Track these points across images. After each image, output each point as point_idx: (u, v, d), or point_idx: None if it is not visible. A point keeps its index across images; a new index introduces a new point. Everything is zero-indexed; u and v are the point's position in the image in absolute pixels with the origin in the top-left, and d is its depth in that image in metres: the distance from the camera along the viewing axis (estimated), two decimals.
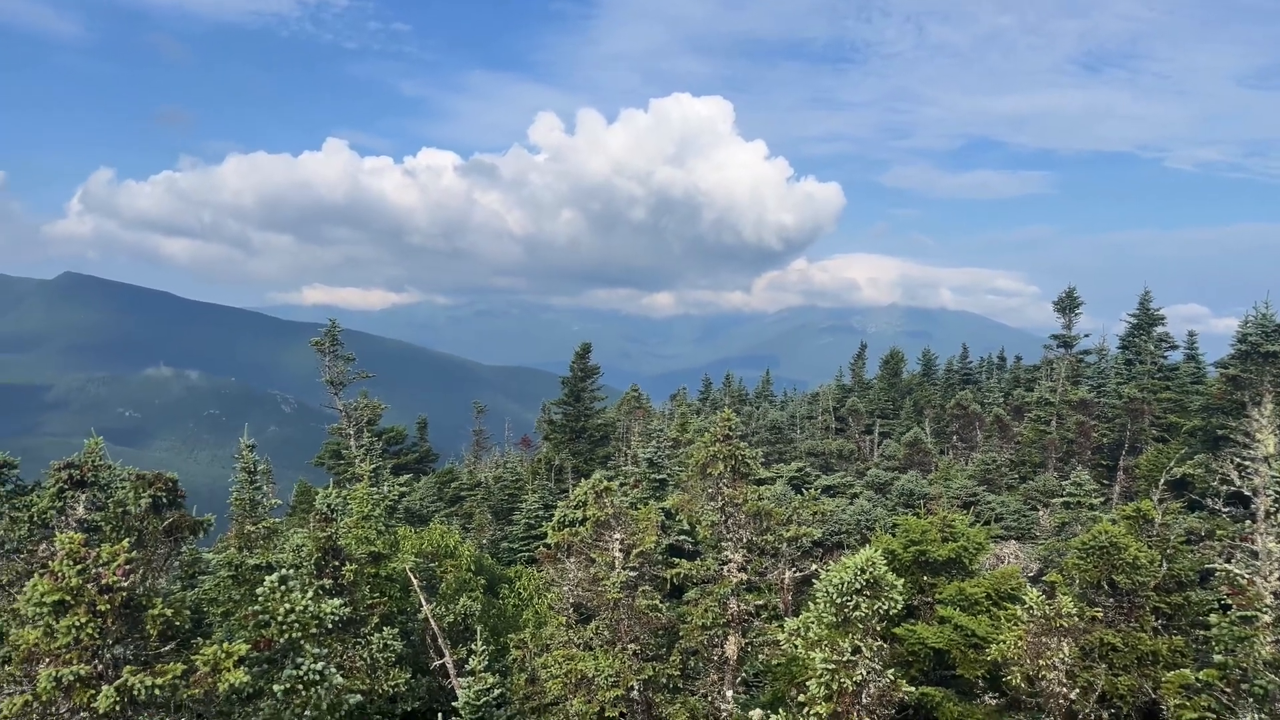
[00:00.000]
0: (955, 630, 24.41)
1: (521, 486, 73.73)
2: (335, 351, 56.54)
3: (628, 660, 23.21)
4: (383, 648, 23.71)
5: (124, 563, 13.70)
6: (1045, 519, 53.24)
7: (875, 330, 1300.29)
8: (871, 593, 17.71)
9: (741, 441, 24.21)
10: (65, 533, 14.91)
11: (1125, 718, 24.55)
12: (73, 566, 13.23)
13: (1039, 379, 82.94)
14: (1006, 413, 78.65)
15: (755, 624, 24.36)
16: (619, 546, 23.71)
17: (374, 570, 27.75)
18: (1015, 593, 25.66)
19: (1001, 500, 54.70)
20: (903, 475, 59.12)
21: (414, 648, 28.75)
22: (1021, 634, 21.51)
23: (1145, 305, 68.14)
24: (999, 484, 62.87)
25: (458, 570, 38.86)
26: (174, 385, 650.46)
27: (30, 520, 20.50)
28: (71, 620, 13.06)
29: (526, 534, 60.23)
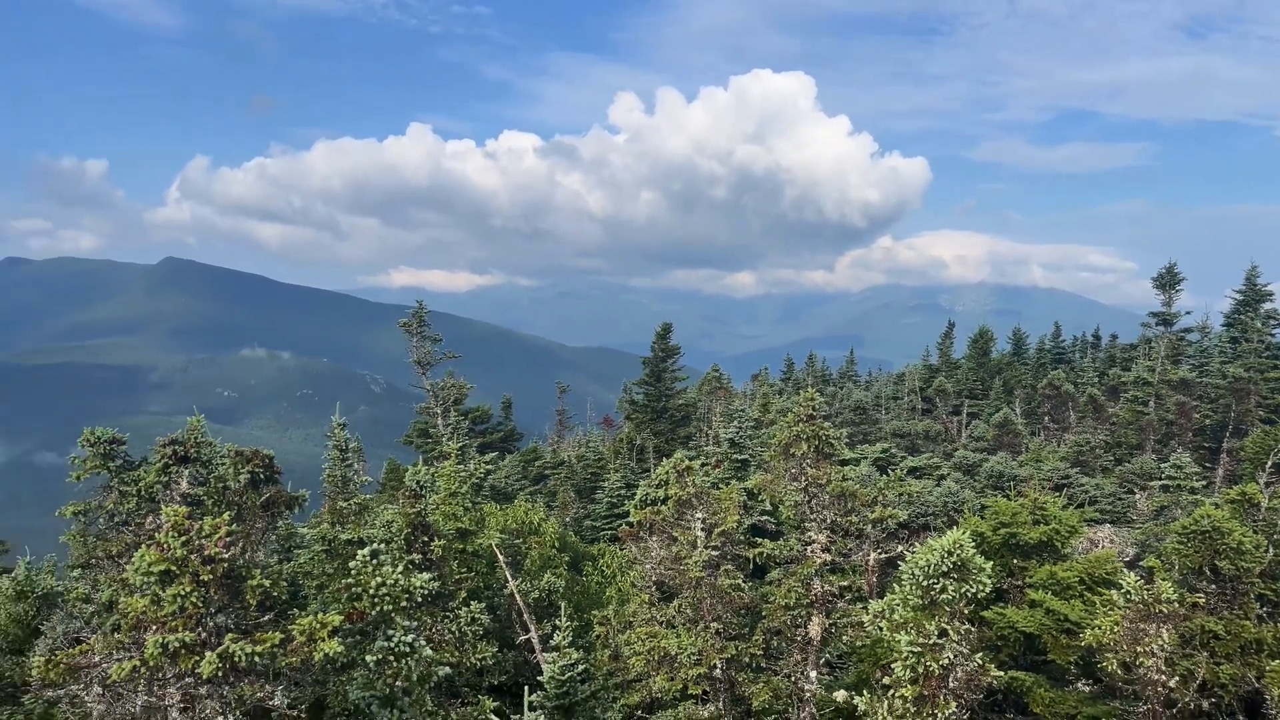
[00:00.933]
0: (1047, 615, 23.82)
1: (604, 466, 74.30)
2: (422, 332, 57.75)
3: (710, 639, 23.26)
4: (470, 622, 24.22)
5: (225, 535, 14.25)
6: (1142, 503, 51.51)
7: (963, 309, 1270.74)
8: (959, 575, 17.39)
9: (825, 422, 23.97)
10: (170, 506, 15.58)
11: (1226, 707, 23.67)
12: (178, 538, 13.81)
13: (1136, 358, 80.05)
14: (1101, 393, 76.14)
15: (839, 605, 24.16)
16: (701, 525, 23.73)
17: (461, 546, 28.32)
18: (1111, 578, 24.90)
19: (1095, 483, 53.08)
20: (992, 457, 57.81)
21: (500, 622, 29.30)
22: (1118, 620, 20.87)
23: (1252, 281, 65.13)
24: (1093, 466, 60.99)
25: (542, 547, 39.42)
26: (268, 366, 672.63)
27: (138, 494, 21.45)
28: (177, 589, 13.65)
29: (609, 512, 60.75)
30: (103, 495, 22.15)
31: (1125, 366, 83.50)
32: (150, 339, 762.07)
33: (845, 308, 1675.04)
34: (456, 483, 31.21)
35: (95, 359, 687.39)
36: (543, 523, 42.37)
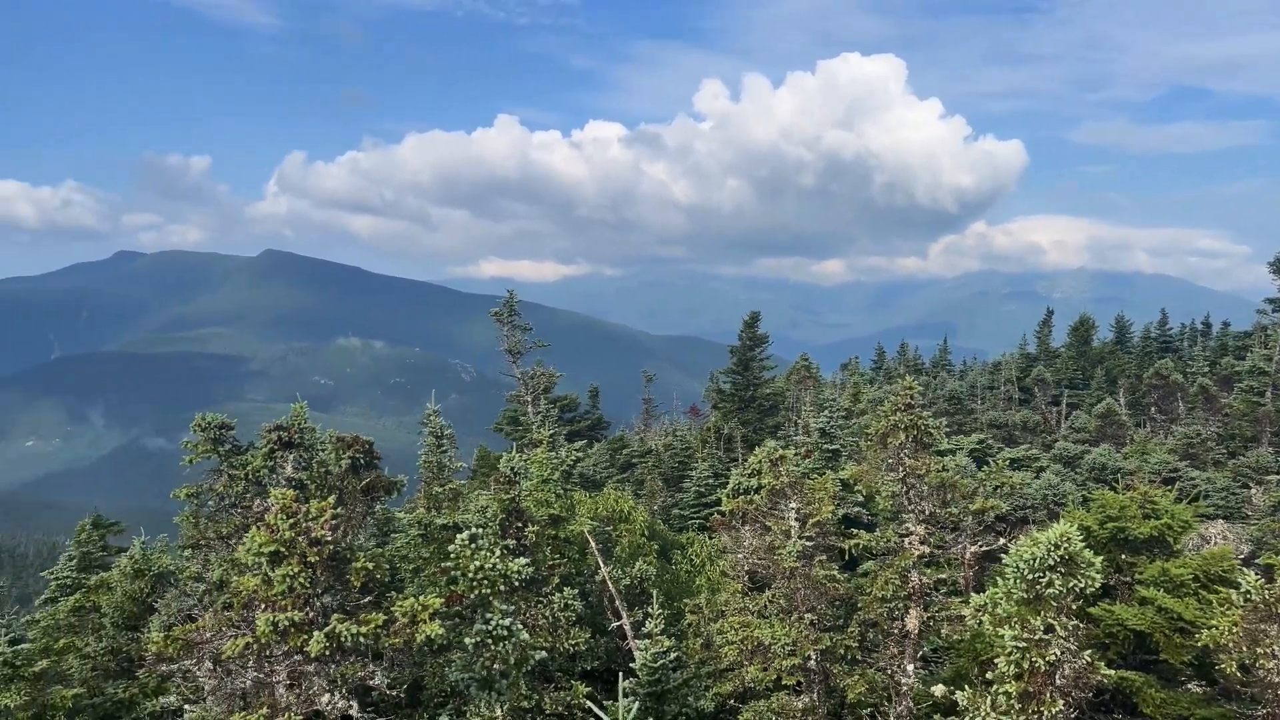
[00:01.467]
0: (1158, 613, 22.85)
1: (691, 455, 74.20)
2: (513, 321, 58.46)
3: (804, 629, 22.99)
4: (564, 607, 24.42)
5: (330, 518, 14.61)
6: (1259, 497, 49.11)
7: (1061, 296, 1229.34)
8: (1066, 570, 16.78)
9: (924, 411, 23.41)
10: (278, 489, 16.05)
11: None
12: (286, 520, 14.22)
13: (1251, 346, 76.28)
14: (1213, 383, 72.82)
15: (937, 598, 23.61)
16: (795, 515, 23.45)
17: (554, 532, 28.57)
18: (1227, 575, 23.77)
19: (1207, 477, 50.80)
20: (1094, 449, 55.82)
21: (592, 609, 29.50)
22: (1237, 619, 19.89)
23: None
24: (1204, 459, 58.39)
25: (632, 535, 39.58)
26: (362, 355, 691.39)
27: (246, 478, 22.21)
28: (286, 570, 14.06)
29: (696, 501, 60.68)
30: (213, 478, 23.02)
31: (1239, 355, 79.68)
32: (251, 329, 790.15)
33: (938, 295, 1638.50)
34: (549, 470, 31.51)
35: (200, 348, 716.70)
36: (632, 511, 42.52)
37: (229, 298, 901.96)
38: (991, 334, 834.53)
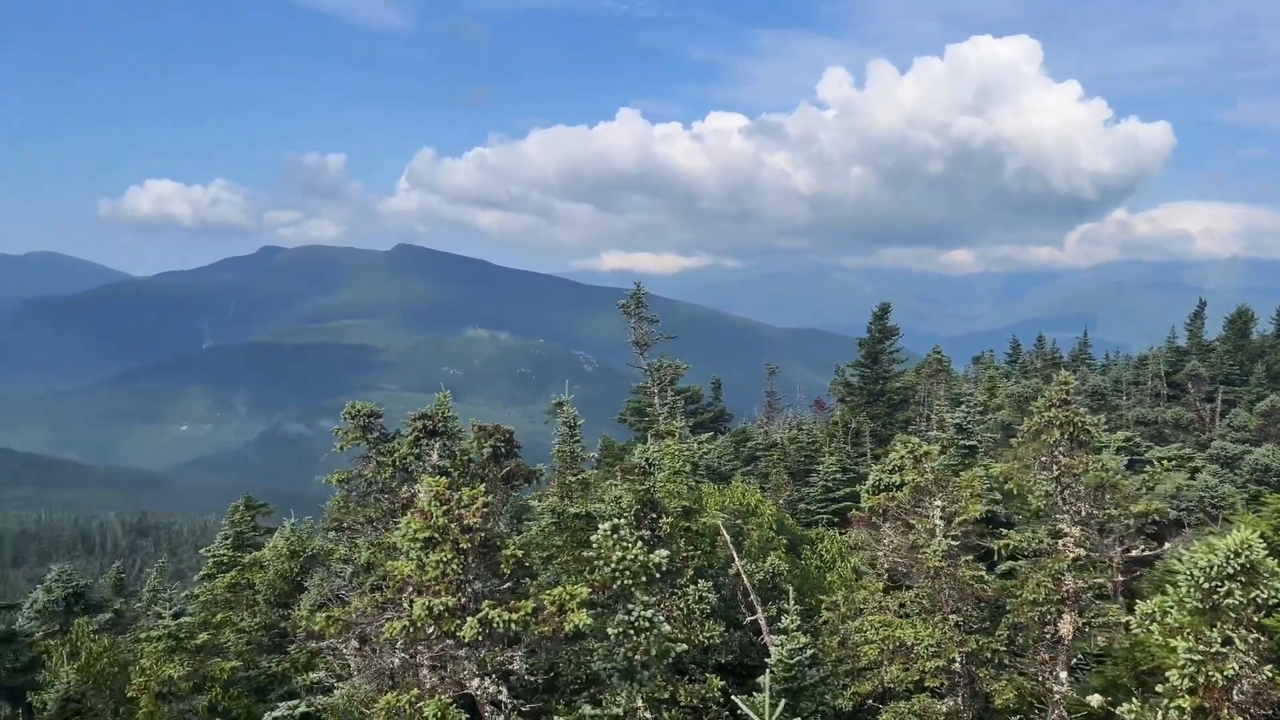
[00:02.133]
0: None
1: (818, 449, 73.04)
2: (640, 314, 58.72)
3: (949, 630, 22.23)
4: (698, 600, 24.29)
5: (481, 506, 14.85)
6: None
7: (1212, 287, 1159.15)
8: (1247, 579, 15.64)
9: (1081, 407, 22.26)
10: (433, 477, 16.43)
11: None
12: (439, 507, 14.51)
13: None
14: None
15: (1093, 603, 22.46)
16: (940, 513, 22.67)
17: (686, 524, 28.50)
18: None
19: None
20: (1257, 449, 52.29)
21: (725, 602, 29.30)
22: None
23: None
24: None
25: (760, 529, 39.17)
26: (489, 346, 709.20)
27: (393, 464, 22.89)
28: (439, 556, 14.36)
29: (824, 496, 59.68)
30: (362, 464, 23.82)
31: None
32: (384, 320, 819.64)
33: (1074, 286, 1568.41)
34: (680, 461, 31.45)
35: (337, 339, 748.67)
36: (760, 504, 42.09)
37: (364, 291, 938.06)
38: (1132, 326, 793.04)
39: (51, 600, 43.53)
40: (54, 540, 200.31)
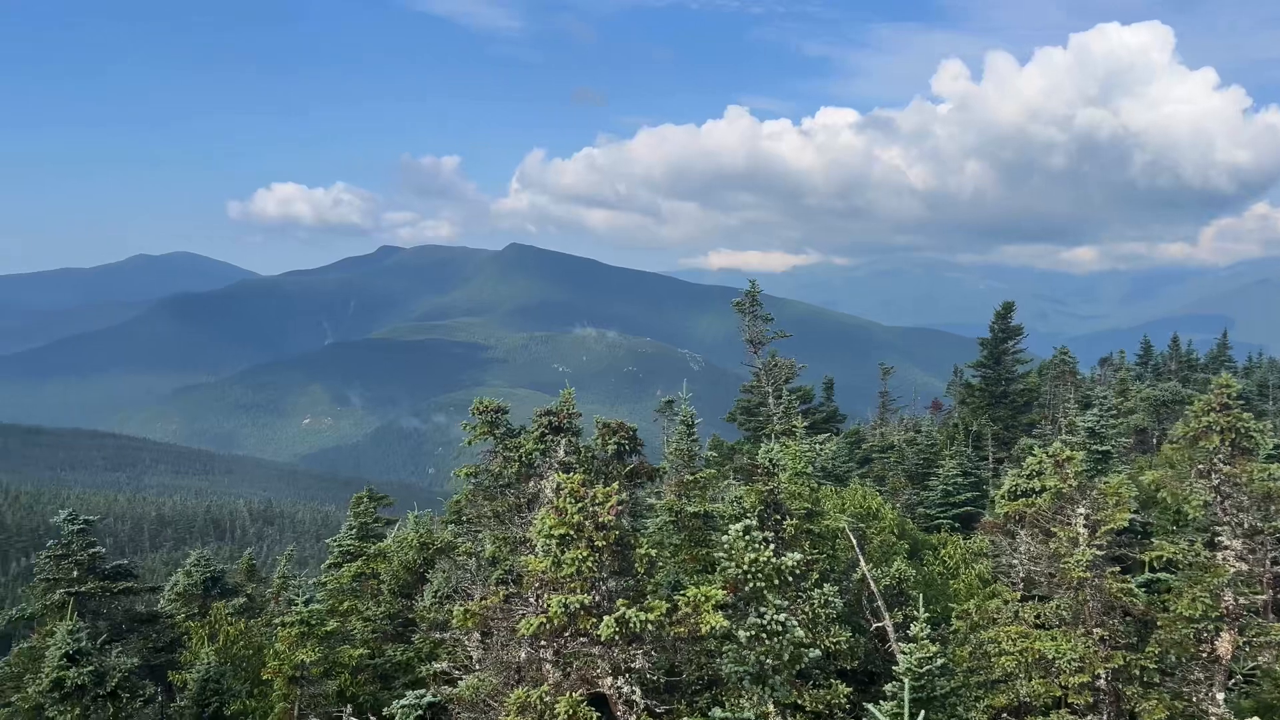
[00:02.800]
0: None
1: (936, 451, 71.00)
2: (754, 312, 58.11)
3: (1093, 645, 21.10)
4: (823, 604, 23.76)
5: (615, 504, 14.74)
6: None
7: None
8: None
9: (1245, 412, 20.81)
10: (567, 474, 16.40)
11: None
12: (574, 504, 14.45)
13: None
14: None
15: (1254, 621, 20.97)
16: (1084, 522, 21.54)
17: (809, 527, 27.93)
18: None
19: None
20: None
21: (849, 607, 28.62)
22: None
23: None
24: None
25: (882, 533, 38.22)
26: (597, 344, 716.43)
27: (519, 460, 23.03)
28: (574, 553, 14.30)
29: (944, 500, 57.94)
30: (488, 459, 24.06)
31: None
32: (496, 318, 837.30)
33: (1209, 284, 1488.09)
34: (802, 462, 30.86)
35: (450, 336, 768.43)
36: (881, 507, 41.10)
37: (477, 289, 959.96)
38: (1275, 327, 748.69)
39: (191, 584, 45.67)
40: (188, 526, 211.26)
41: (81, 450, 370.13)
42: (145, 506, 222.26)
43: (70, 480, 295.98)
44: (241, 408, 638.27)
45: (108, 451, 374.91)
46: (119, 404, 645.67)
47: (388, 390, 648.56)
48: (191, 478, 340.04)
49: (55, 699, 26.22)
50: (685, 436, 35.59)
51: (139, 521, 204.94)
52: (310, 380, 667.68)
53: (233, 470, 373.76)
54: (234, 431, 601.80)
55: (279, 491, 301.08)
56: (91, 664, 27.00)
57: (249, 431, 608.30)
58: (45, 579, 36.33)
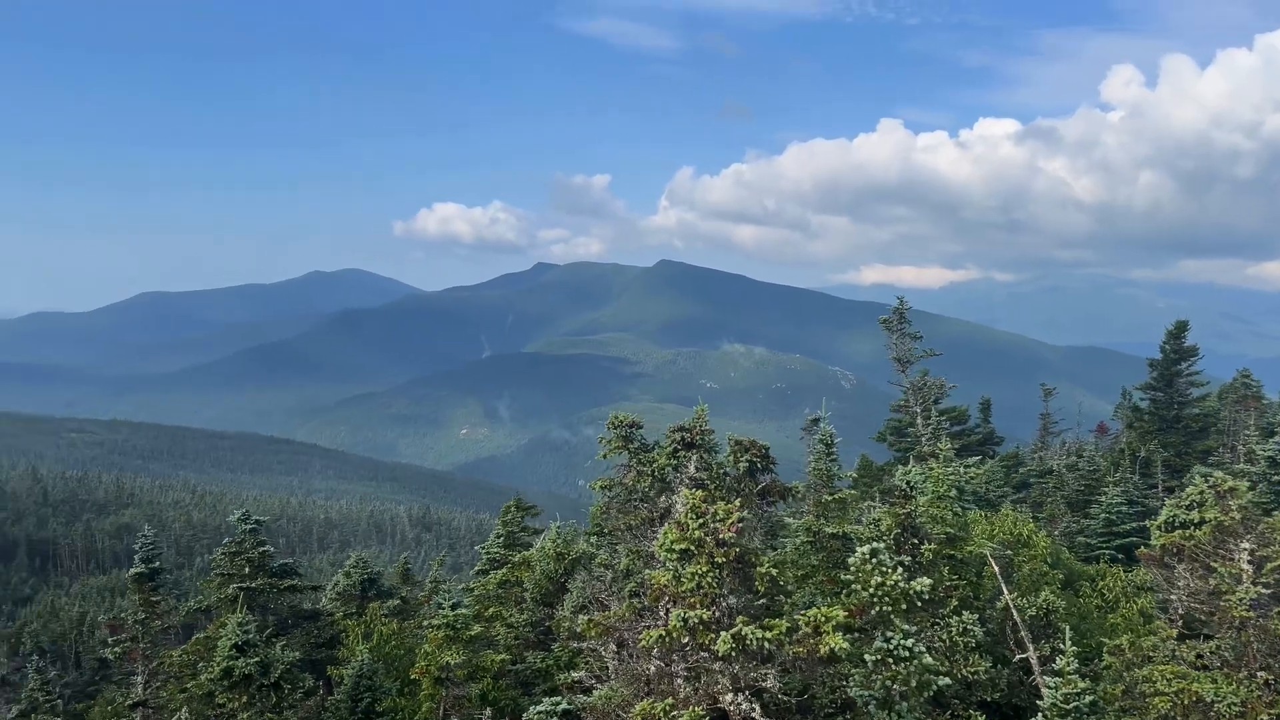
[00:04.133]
0: None
1: (1099, 478, 67.32)
2: (903, 329, 56.78)
3: (1257, 689, 19.69)
4: (962, 632, 23.08)
5: (736, 521, 14.88)
6: None
7: None
8: None
9: None
10: (690, 489, 16.66)
11: None
12: (696, 520, 14.68)
13: None
14: None
15: None
16: (1248, 558, 20.15)
17: (950, 552, 27.16)
18: None
19: None
20: None
21: (992, 637, 27.62)
22: None
23: None
24: None
25: (1033, 561, 36.64)
26: (745, 360, 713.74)
27: (652, 475, 23.45)
28: (695, 568, 14.52)
29: (1106, 530, 54.88)
30: (622, 473, 24.59)
31: None
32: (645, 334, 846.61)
33: None
34: (945, 485, 30.01)
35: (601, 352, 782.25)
36: (1033, 535, 39.37)
37: (627, 305, 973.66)
38: None
39: (350, 584, 48.29)
40: (352, 529, 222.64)
41: (259, 455, 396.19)
42: (314, 509, 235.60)
43: (248, 482, 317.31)
44: (403, 418, 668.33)
45: (282, 456, 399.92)
46: (293, 412, 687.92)
47: (540, 403, 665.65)
48: (356, 483, 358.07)
49: (224, 686, 28.27)
50: (824, 456, 35.15)
51: (308, 523, 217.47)
52: (468, 392, 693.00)
53: (395, 477, 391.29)
54: (396, 440, 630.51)
55: (437, 498, 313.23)
56: (258, 655, 28.99)
57: (410, 440, 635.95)
58: (220, 574, 39.26)
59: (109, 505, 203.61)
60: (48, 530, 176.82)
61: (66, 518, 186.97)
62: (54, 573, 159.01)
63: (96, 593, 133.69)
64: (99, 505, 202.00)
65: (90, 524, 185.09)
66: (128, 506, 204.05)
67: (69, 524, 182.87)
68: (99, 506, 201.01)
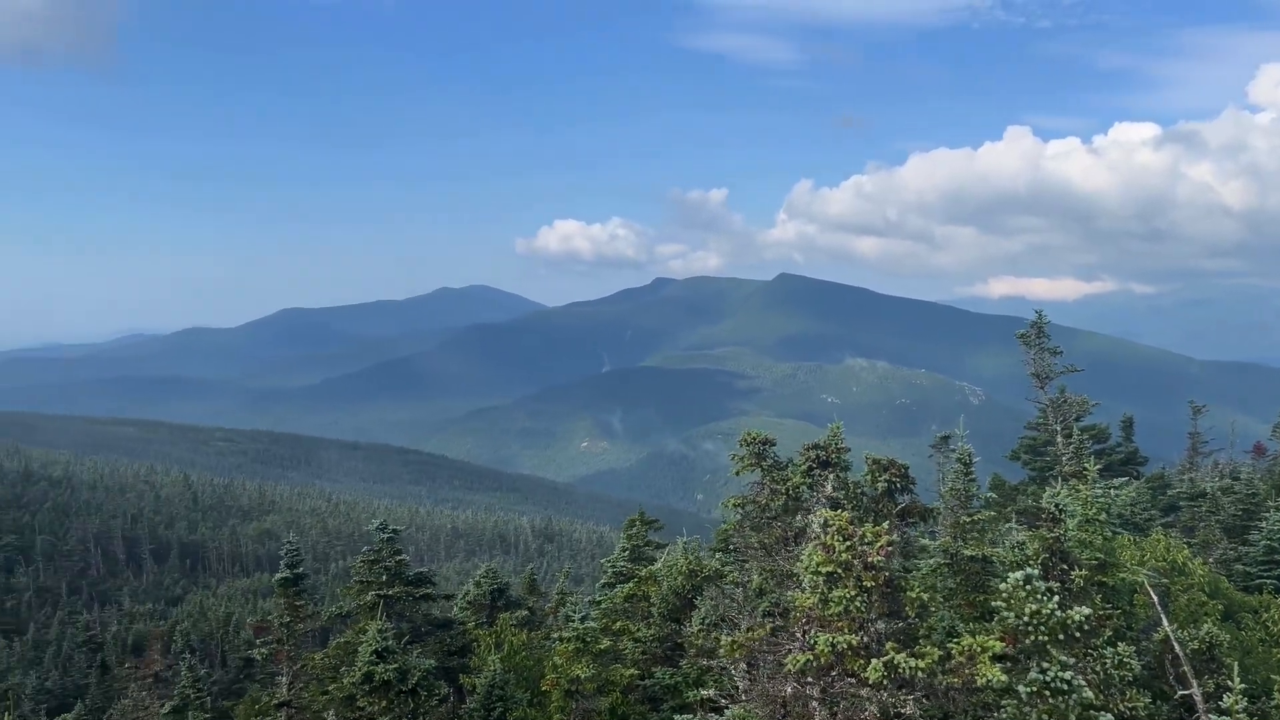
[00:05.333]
0: None
1: (1259, 502, 63.06)
2: (1040, 344, 54.54)
3: None
4: (1118, 664, 21.77)
5: (885, 544, 14.44)
6: None
7: None
8: None
9: None
10: (828, 509, 16.28)
11: None
12: (843, 542, 14.31)
13: None
14: None
15: None
16: None
17: (1101, 579, 25.76)
18: None
19: None
20: None
21: (1148, 670, 26.05)
22: None
23: None
24: None
25: (1189, 591, 34.50)
26: (868, 375, 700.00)
27: (786, 493, 23.07)
28: (842, 592, 14.14)
29: (1267, 558, 51.27)
30: (756, 491, 24.28)
31: None
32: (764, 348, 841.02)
33: None
34: (1094, 509, 28.53)
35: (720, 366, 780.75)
36: (1188, 562, 37.08)
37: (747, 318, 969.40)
38: None
39: (479, 593, 49.26)
40: (477, 538, 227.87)
41: (390, 465, 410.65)
42: (441, 519, 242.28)
43: (380, 491, 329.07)
44: (525, 430, 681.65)
45: (411, 467, 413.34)
46: (422, 424, 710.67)
47: (659, 417, 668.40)
48: (481, 493, 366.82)
49: (365, 691, 29.17)
50: (962, 475, 33.93)
51: (436, 532, 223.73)
52: (587, 406, 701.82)
53: (517, 488, 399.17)
54: (519, 452, 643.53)
55: (558, 510, 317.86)
56: (397, 662, 29.83)
57: (532, 453, 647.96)
58: (360, 581, 40.56)
59: (252, 511, 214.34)
60: (197, 534, 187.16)
61: (214, 522, 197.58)
62: (202, 574, 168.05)
63: (241, 594, 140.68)
64: (243, 511, 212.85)
65: (235, 529, 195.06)
66: (269, 513, 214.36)
67: (216, 528, 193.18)
68: (243, 512, 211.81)
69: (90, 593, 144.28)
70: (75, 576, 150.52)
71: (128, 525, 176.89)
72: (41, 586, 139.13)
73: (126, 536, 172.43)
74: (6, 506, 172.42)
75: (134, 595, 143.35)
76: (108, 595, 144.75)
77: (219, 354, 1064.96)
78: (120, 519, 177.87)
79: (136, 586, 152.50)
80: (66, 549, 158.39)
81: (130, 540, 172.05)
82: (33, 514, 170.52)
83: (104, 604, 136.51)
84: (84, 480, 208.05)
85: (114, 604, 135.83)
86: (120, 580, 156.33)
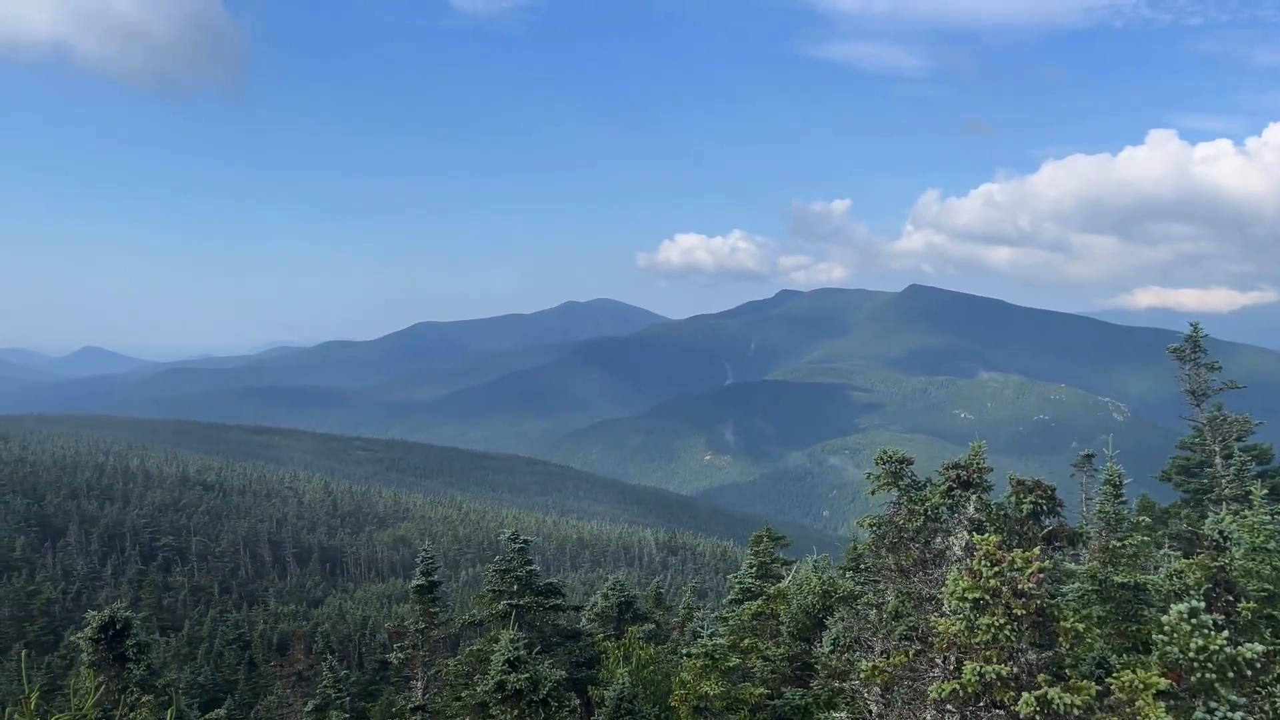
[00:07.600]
0: None
1: None
2: (1196, 359, 51.39)
3: None
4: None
5: (1037, 571, 13.77)
6: None
7: None
8: None
9: None
10: (971, 532, 15.65)
11: None
12: (991, 568, 13.72)
13: None
14: None
15: None
16: None
17: (1271, 611, 23.98)
18: None
19: None
20: None
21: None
22: None
23: None
24: None
25: None
26: (1002, 390, 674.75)
27: (924, 514, 22.33)
28: (990, 619, 13.55)
29: None
30: (891, 510, 23.61)
31: None
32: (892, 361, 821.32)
33: None
34: (1262, 536, 26.63)
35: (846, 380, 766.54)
36: None
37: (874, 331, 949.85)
38: None
39: (607, 605, 49.53)
40: (602, 549, 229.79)
41: (519, 475, 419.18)
42: (567, 529, 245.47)
43: (509, 501, 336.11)
44: (649, 443, 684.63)
45: (539, 477, 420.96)
46: (549, 435, 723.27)
47: (782, 431, 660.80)
48: (605, 504, 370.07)
49: (498, 699, 29.63)
50: (1111, 498, 32.30)
51: (562, 542, 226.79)
52: (710, 419, 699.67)
53: (640, 500, 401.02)
54: (642, 464, 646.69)
55: (681, 523, 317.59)
56: (528, 671, 30.21)
57: (655, 465, 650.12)
58: (492, 590, 41.38)
59: (388, 518, 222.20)
60: (336, 539, 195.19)
61: (352, 528, 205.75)
62: (340, 578, 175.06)
63: (376, 599, 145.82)
64: (379, 518, 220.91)
65: (371, 535, 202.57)
66: (403, 520, 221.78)
67: (354, 534, 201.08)
68: (379, 519, 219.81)
69: (239, 592, 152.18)
70: (226, 576, 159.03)
71: (273, 529, 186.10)
72: (196, 585, 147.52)
73: (272, 540, 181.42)
74: (166, 510, 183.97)
75: (279, 596, 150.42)
76: (255, 595, 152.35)
77: (358, 365, 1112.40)
78: (267, 523, 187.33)
79: (281, 588, 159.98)
80: (219, 550, 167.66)
81: (275, 544, 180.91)
82: (189, 517, 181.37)
83: (252, 604, 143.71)
84: (234, 486, 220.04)
85: (261, 604, 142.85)
86: (266, 581, 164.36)
